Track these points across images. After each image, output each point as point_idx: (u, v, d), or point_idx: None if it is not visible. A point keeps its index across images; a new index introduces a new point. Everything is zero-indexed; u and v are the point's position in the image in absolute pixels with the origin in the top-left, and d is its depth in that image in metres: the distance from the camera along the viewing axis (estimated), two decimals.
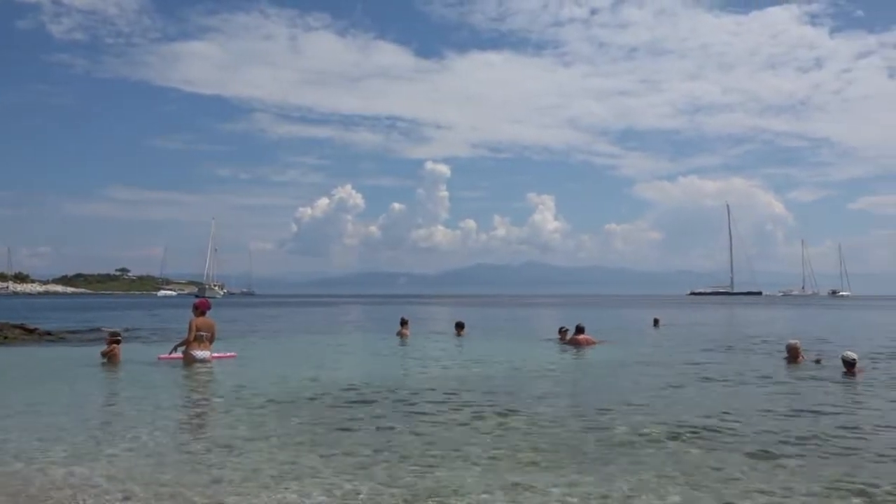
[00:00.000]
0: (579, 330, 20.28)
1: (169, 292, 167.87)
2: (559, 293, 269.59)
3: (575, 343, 19.70)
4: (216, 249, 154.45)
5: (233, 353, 16.36)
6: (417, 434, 7.93)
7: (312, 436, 7.85)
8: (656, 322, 31.36)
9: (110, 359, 14.96)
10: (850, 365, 12.99)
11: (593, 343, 19.89)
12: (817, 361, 14.84)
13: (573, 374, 14.48)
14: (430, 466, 6.52)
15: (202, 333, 14.93)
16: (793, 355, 15.03)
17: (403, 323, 23.57)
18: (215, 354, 15.31)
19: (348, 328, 33.98)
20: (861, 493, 5.72)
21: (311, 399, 10.48)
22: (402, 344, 21.34)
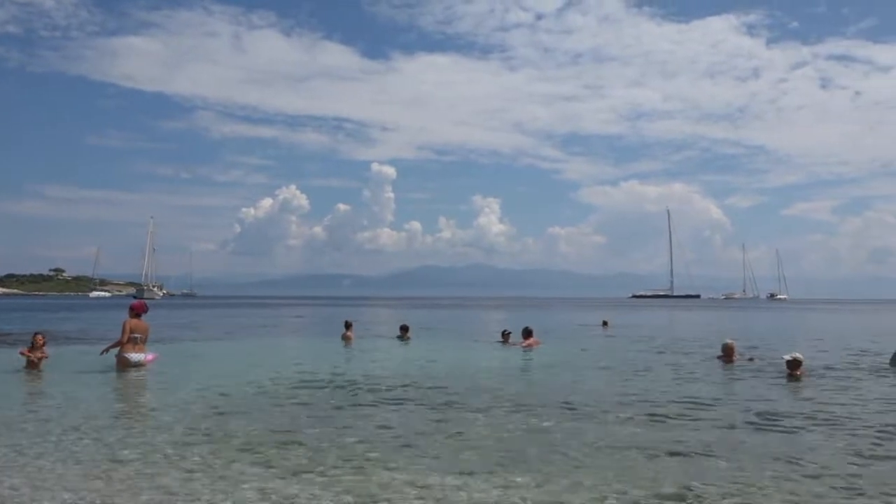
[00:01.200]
0: (528, 333, 20.31)
1: (102, 293, 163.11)
2: (504, 295, 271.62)
3: (524, 346, 19.72)
4: (154, 250, 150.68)
5: (153, 355, 15.76)
6: (357, 436, 7.84)
7: (249, 439, 7.68)
8: (605, 324, 32.10)
9: (34, 363, 14.20)
10: (793, 365, 13.20)
11: (539, 343, 19.95)
12: (750, 360, 15.34)
13: (517, 375, 14.49)
14: (371, 469, 6.44)
15: (136, 336, 14.42)
16: (728, 354, 15.41)
17: (348, 326, 23.33)
18: (149, 356, 14.87)
19: (291, 330, 33.51)
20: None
21: (250, 402, 10.27)
22: (347, 347, 21.05)
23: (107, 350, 14.49)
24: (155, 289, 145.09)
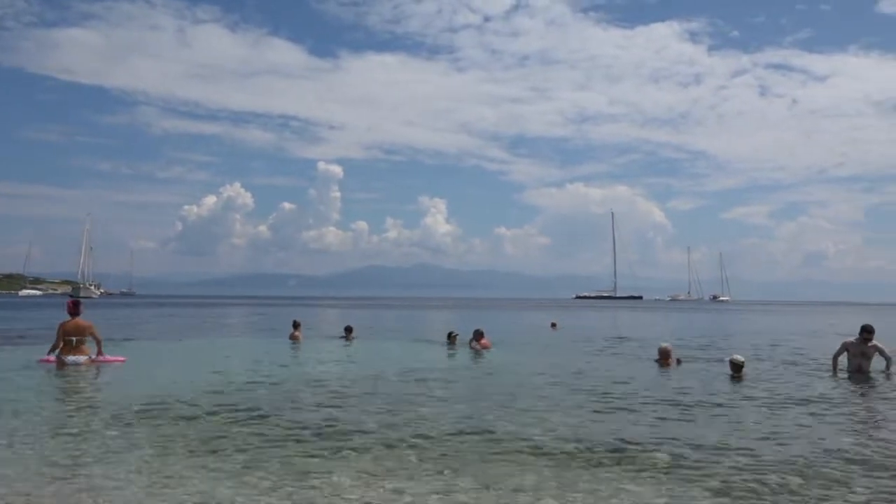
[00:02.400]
0: (479, 335, 20.25)
1: (33, 292, 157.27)
2: (450, 296, 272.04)
3: (474, 347, 19.66)
4: (91, 248, 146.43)
5: (122, 358, 15.24)
6: (299, 440, 7.75)
7: (187, 442, 7.51)
8: (554, 325, 32.49)
9: None
10: (737, 368, 13.41)
11: (489, 346, 19.90)
12: (678, 362, 15.71)
13: (462, 376, 14.42)
14: (309, 472, 6.36)
15: (71, 338, 13.89)
16: (663, 357, 15.76)
17: (296, 325, 22.98)
18: (107, 357, 14.54)
19: (234, 331, 32.89)
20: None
21: (190, 404, 10.02)
22: (294, 347, 20.69)
23: (51, 352, 14.05)
24: (92, 288, 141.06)
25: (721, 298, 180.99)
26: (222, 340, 25.23)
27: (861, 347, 13.56)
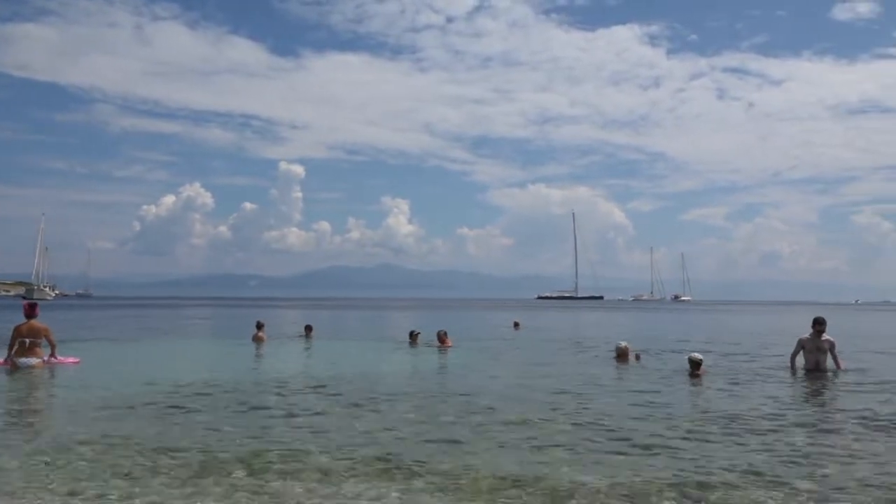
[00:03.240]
0: (443, 335, 20.31)
1: None
2: (413, 296, 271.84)
3: (438, 347, 19.73)
4: (47, 248, 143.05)
5: (75, 359, 14.92)
6: (256, 438, 7.69)
7: (142, 445, 7.35)
8: (516, 325, 32.65)
9: None
10: (695, 365, 13.60)
11: (451, 345, 19.97)
12: (637, 358, 16.05)
13: (423, 376, 14.48)
14: (267, 473, 6.31)
15: (25, 340, 13.59)
16: (621, 355, 16.08)
17: (259, 326, 22.80)
18: (60, 359, 14.27)
19: (194, 332, 32.39)
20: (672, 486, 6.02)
21: (146, 407, 9.85)
22: (258, 348, 20.50)
23: (5, 361, 13.71)
24: (46, 289, 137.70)
25: (682, 298, 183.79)
26: (182, 342, 24.87)
27: (816, 342, 13.80)
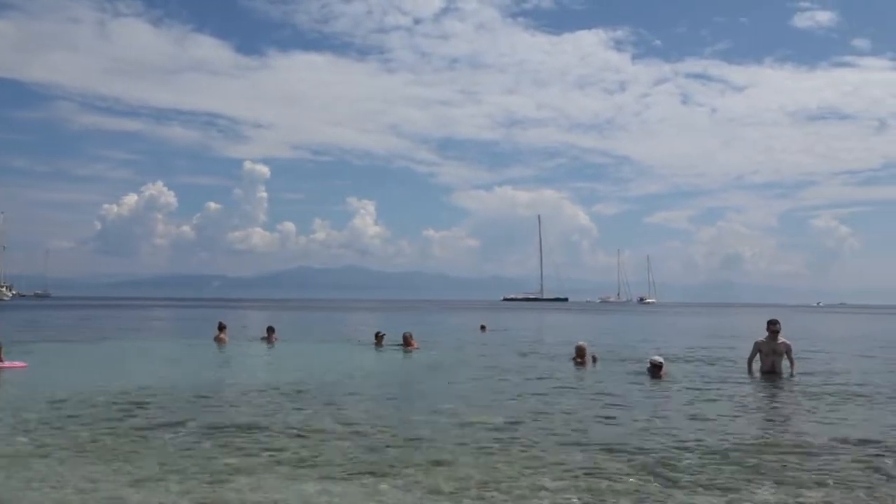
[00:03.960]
0: (408, 337, 20.29)
1: None
2: (378, 297, 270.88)
3: (404, 348, 19.72)
4: (4, 247, 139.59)
5: (22, 364, 14.55)
6: (215, 441, 7.59)
7: (97, 445, 7.25)
8: (483, 328, 32.71)
9: None
10: (656, 367, 13.76)
11: (417, 347, 19.97)
12: (594, 359, 16.16)
13: (388, 377, 14.42)
14: (226, 475, 6.25)
15: None
16: (580, 355, 16.31)
17: (221, 328, 22.51)
18: (7, 363, 14.01)
19: (155, 333, 31.86)
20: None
21: (101, 409, 9.68)
22: (220, 349, 20.25)
23: None
24: (3, 289, 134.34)
25: (648, 300, 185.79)
26: (141, 344, 24.44)
27: (772, 345, 13.93)
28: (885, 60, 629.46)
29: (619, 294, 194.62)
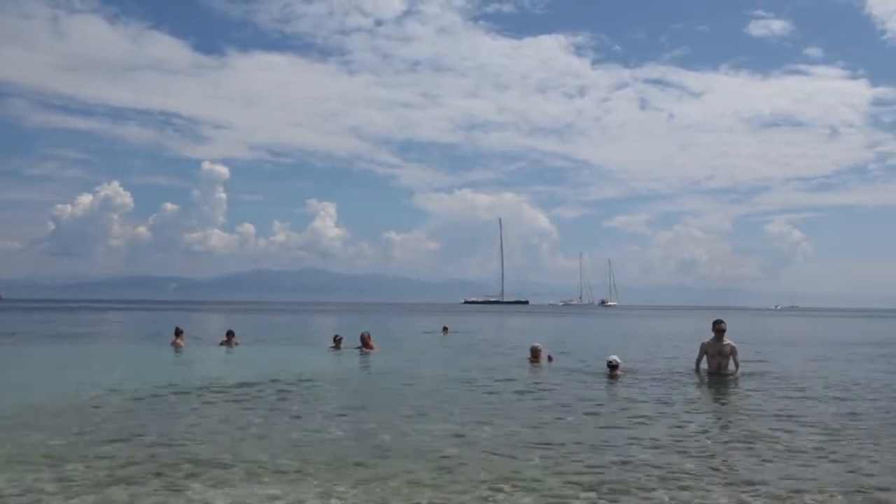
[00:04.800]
0: (366, 337, 20.27)
1: None
2: (339, 300, 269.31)
3: (361, 350, 19.69)
4: None
5: None
6: (172, 446, 7.51)
7: (50, 451, 7.10)
8: (445, 330, 32.98)
9: None
10: (612, 367, 14.00)
11: (376, 349, 19.94)
12: (549, 359, 16.69)
13: (346, 380, 14.33)
14: (183, 480, 6.19)
15: None
16: (535, 355, 16.86)
17: (178, 332, 22.22)
18: None
19: (107, 337, 31.36)
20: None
21: (47, 418, 9.48)
22: (177, 353, 19.98)
23: None
24: None
25: (609, 303, 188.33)
26: (93, 347, 23.99)
27: (717, 346, 14.11)
28: (836, 69, 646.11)
29: (581, 297, 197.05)
